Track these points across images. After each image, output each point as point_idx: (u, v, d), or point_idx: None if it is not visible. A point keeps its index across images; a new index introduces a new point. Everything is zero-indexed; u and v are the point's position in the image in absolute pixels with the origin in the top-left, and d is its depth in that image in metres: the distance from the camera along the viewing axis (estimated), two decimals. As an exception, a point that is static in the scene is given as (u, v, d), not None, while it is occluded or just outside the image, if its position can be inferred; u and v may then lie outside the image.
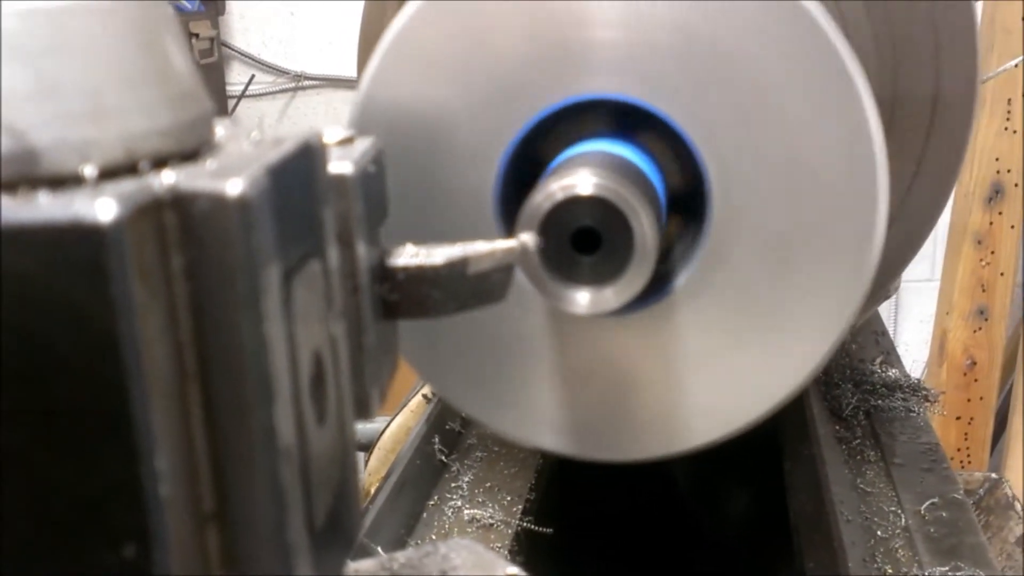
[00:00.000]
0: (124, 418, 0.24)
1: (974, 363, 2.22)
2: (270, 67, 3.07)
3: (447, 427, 1.00)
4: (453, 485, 0.94)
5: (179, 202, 0.26)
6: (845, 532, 0.77)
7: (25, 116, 0.25)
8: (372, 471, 1.31)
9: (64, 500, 0.25)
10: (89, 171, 0.26)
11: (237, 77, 3.07)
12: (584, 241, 0.51)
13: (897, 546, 0.79)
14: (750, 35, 0.54)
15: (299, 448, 0.29)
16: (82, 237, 0.24)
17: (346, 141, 0.40)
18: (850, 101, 0.55)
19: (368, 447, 1.34)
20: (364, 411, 0.37)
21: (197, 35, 2.80)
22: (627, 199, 0.49)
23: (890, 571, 0.75)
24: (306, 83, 3.05)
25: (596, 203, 0.49)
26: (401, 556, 0.44)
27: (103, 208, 0.24)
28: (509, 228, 0.57)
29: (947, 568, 0.74)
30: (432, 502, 0.91)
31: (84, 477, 0.25)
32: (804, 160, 0.55)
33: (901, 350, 1.20)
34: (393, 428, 1.31)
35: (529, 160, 0.58)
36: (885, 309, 2.90)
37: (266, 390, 0.27)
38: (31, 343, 0.24)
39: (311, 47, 3.02)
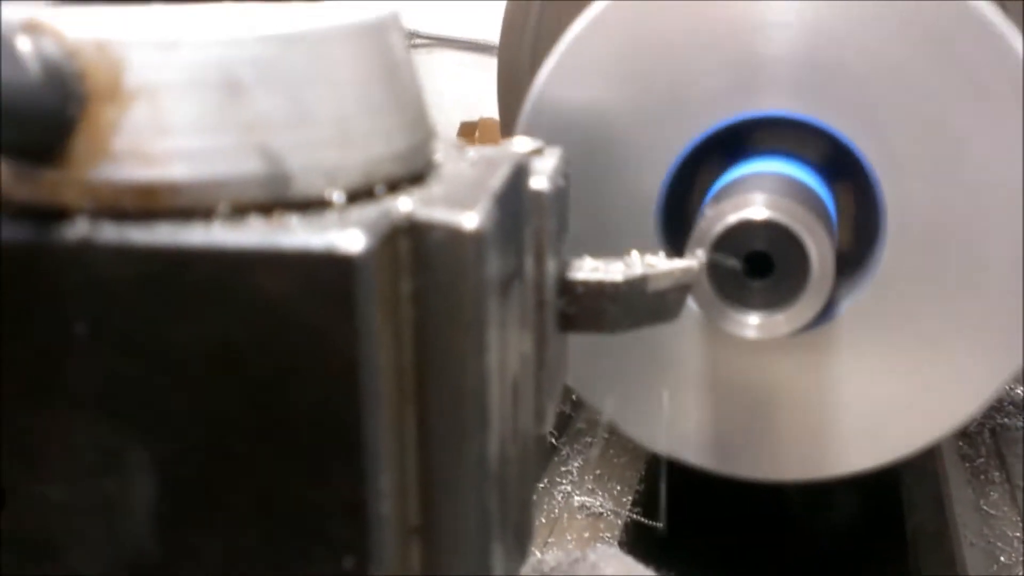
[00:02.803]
0: (356, 439, 0.25)
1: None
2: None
3: (557, 409, 1.01)
4: (563, 469, 0.95)
5: (414, 230, 0.27)
6: (968, 556, 0.76)
7: (280, 141, 0.26)
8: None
9: (293, 511, 0.26)
10: (337, 196, 0.27)
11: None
12: (756, 265, 0.50)
13: (1020, 573, 0.77)
14: (939, 65, 0.53)
15: (501, 471, 0.30)
16: (334, 265, 0.24)
17: (535, 152, 0.40)
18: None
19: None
20: (541, 423, 0.38)
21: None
22: (803, 222, 0.48)
23: (1012, 600, 0.73)
24: (418, 42, 3.06)
25: (770, 227, 0.49)
26: (551, 559, 0.45)
27: (353, 239, 0.24)
28: (669, 238, 0.57)
29: (1070, 600, 0.72)
30: (542, 485, 0.92)
31: (312, 491, 0.26)
32: (982, 192, 0.53)
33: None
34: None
35: (692, 173, 0.58)
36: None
37: (484, 417, 0.28)
38: (275, 359, 0.25)
39: (425, 6, 3.02)
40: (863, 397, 0.58)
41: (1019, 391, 1.05)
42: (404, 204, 0.27)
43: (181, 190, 0.25)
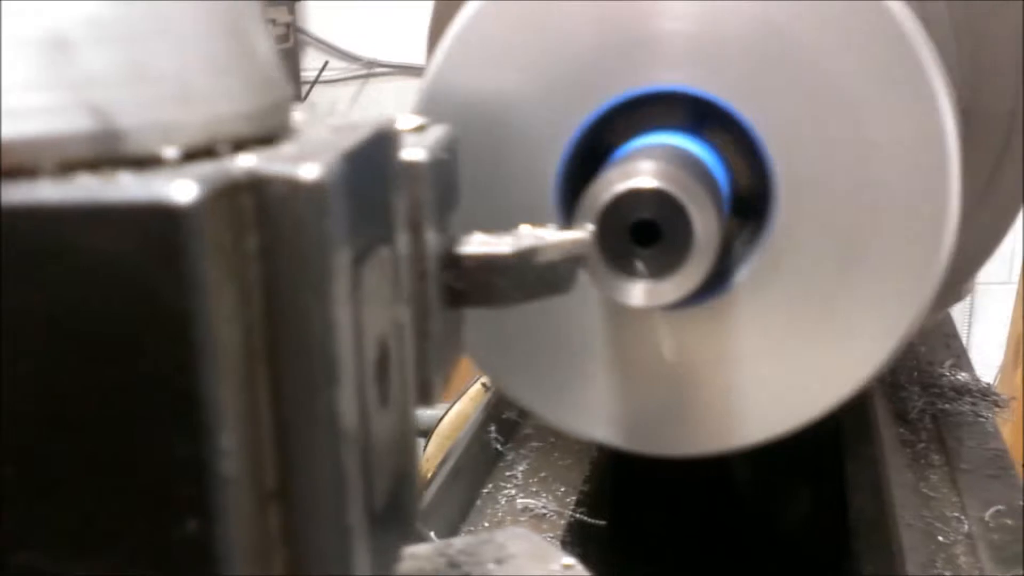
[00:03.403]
0: (193, 396, 0.25)
1: (1051, 368, 2.17)
2: (344, 53, 3.10)
3: (504, 416, 1.01)
4: (508, 474, 0.94)
5: (256, 185, 0.26)
6: (905, 536, 0.76)
7: (113, 98, 0.26)
8: (430, 457, 1.32)
9: (131, 474, 0.25)
10: (170, 153, 0.26)
11: (311, 63, 3.11)
12: (643, 234, 0.50)
13: (959, 552, 0.78)
14: (825, 30, 0.53)
15: (362, 431, 0.30)
16: (161, 217, 0.24)
17: (420, 128, 0.40)
18: (925, 98, 0.54)
19: (427, 433, 1.35)
20: (427, 398, 0.37)
21: (274, 21, 2.84)
22: (688, 192, 0.48)
23: (950, 577, 0.74)
24: (378, 70, 3.07)
25: (656, 196, 0.49)
26: (458, 542, 0.44)
27: (182, 190, 0.24)
28: (569, 219, 0.57)
29: (1009, 576, 0.72)
30: (486, 490, 0.92)
31: (151, 452, 0.25)
32: (874, 156, 0.54)
33: (974, 353, 1.18)
34: (452, 415, 1.32)
35: (594, 152, 0.58)
36: (959, 311, 2.84)
37: (331, 372, 0.27)
38: (105, 318, 0.25)
39: (384, 35, 3.04)
40: (763, 365, 0.58)
41: (960, 376, 1.05)
42: (246, 160, 0.27)
43: (4, 149, 0.25)
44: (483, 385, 1.22)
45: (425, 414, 1.39)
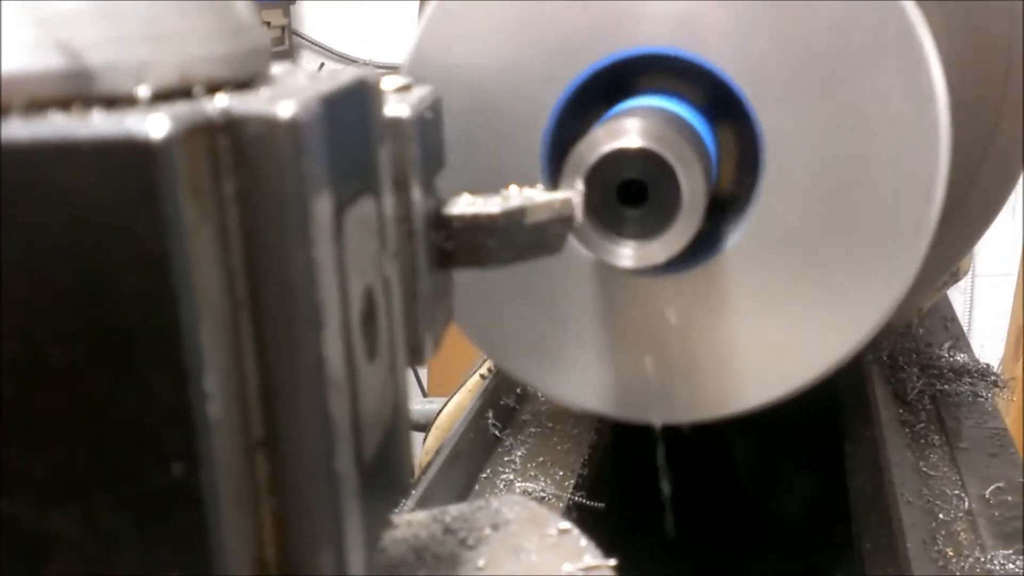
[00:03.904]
0: (174, 336, 0.25)
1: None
2: (339, 56, 3.10)
3: (502, 402, 1.00)
4: (506, 459, 0.94)
5: (231, 125, 0.26)
6: (905, 513, 0.76)
7: (82, 36, 0.25)
8: (429, 449, 1.31)
9: (115, 419, 0.25)
10: (143, 92, 0.26)
11: (307, 65, 3.10)
12: (630, 194, 0.50)
13: (959, 529, 0.77)
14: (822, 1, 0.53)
15: (349, 381, 0.29)
16: (134, 153, 0.24)
17: (404, 89, 0.40)
18: (913, 57, 0.53)
19: (426, 427, 1.34)
20: (418, 358, 0.37)
21: (269, 23, 2.84)
22: (675, 151, 0.48)
23: (951, 553, 0.73)
24: (378, 72, 3.07)
25: (643, 155, 0.48)
26: (453, 510, 0.44)
27: (155, 125, 0.24)
28: (556, 183, 0.56)
29: (1010, 551, 0.72)
30: (484, 475, 0.91)
31: (135, 396, 0.25)
32: (862, 117, 0.53)
33: (975, 345, 1.17)
34: (450, 408, 1.31)
35: (582, 119, 0.57)
36: (959, 304, 2.84)
37: (315, 317, 0.27)
38: (83, 261, 0.24)
39: (379, 36, 3.03)
40: (756, 329, 0.58)
41: (959, 357, 1.05)
42: (221, 101, 0.26)
43: (-25, 88, 0.24)
44: (481, 376, 1.22)
45: (424, 407, 1.39)
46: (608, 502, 0.88)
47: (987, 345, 2.68)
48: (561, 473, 0.90)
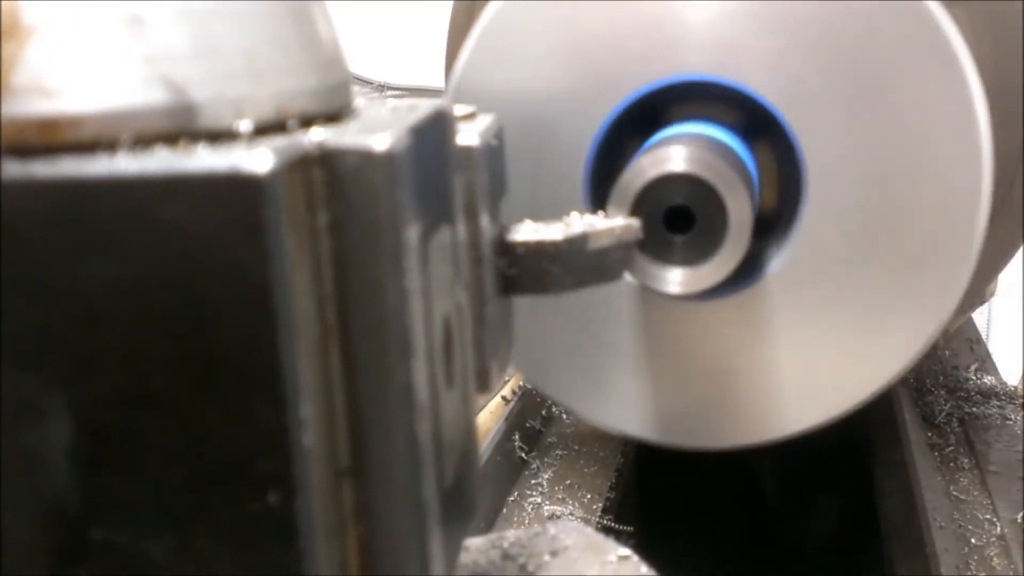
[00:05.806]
0: (274, 366, 0.25)
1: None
2: (356, 78, 3.11)
3: (527, 425, 1.00)
4: (533, 482, 0.94)
5: (327, 158, 0.26)
6: (938, 539, 0.75)
7: (186, 72, 0.26)
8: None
9: (214, 447, 0.25)
10: (244, 126, 0.26)
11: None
12: (677, 221, 0.50)
13: (992, 554, 0.77)
14: (853, 16, 0.53)
15: (432, 408, 0.29)
16: (240, 187, 0.24)
17: (469, 116, 0.40)
18: (957, 86, 0.53)
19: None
20: (485, 384, 0.37)
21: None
22: (720, 176, 0.48)
23: (986, 578, 0.73)
24: (390, 93, 3.08)
25: (689, 181, 0.49)
26: (510, 535, 0.44)
27: (260, 160, 0.24)
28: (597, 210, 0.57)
29: (1046, 578, 0.72)
30: (512, 498, 0.91)
31: (234, 425, 0.25)
32: (906, 146, 0.54)
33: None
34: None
35: (617, 149, 0.58)
36: (977, 319, 2.81)
37: (406, 345, 0.27)
38: (187, 291, 0.25)
39: (396, 58, 3.05)
40: (796, 356, 0.58)
41: (986, 379, 1.05)
42: (316, 135, 0.27)
43: (83, 122, 0.25)
44: (503, 398, 1.22)
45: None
46: (636, 525, 0.88)
47: (1005, 363, 2.67)
48: (589, 496, 0.90)
